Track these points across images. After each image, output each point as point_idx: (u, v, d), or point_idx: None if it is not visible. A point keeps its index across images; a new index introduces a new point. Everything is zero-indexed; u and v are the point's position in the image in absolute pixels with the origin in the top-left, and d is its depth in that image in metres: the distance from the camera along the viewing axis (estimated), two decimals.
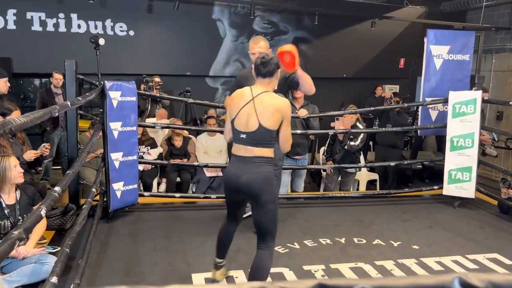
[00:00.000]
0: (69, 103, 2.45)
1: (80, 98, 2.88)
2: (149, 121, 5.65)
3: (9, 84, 4.54)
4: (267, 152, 2.57)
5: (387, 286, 0.44)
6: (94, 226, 3.44)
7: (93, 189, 3.39)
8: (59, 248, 2.75)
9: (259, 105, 2.53)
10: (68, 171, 2.55)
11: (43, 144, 4.35)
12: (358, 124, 5.13)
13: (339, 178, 5.45)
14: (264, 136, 2.53)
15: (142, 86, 6.36)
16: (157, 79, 6.44)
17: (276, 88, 2.73)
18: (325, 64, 8.47)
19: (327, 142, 5.43)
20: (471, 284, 0.45)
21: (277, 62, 2.63)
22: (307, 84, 3.48)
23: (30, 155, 3.75)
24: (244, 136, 2.56)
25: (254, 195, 2.53)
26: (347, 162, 5.14)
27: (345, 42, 8.55)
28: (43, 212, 1.79)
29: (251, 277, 2.59)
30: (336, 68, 8.70)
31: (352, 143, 5.15)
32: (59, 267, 2.12)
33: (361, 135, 5.07)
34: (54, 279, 1.98)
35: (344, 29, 8.55)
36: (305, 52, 8.49)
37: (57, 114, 2.04)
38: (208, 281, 2.90)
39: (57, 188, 2.11)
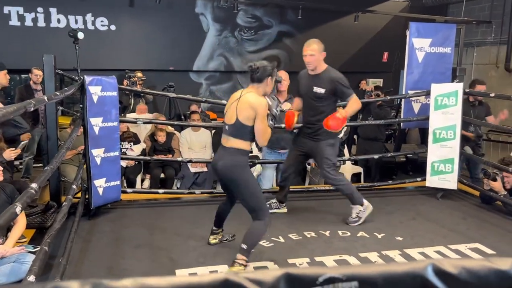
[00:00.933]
0: (45, 97, 2.39)
1: (58, 93, 2.81)
2: (130, 116, 5.58)
3: (8, 77, 4.44)
4: (243, 144, 2.94)
5: (357, 274, 0.42)
6: (76, 223, 3.38)
7: (74, 186, 3.33)
8: (39, 247, 2.69)
9: (240, 102, 2.92)
10: (46, 168, 2.49)
11: (22, 142, 4.25)
12: None
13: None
14: (240, 129, 2.91)
15: (125, 82, 6.27)
16: (139, 74, 6.36)
17: (266, 92, 3.03)
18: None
19: None
20: (444, 270, 0.44)
21: (268, 71, 2.97)
22: (357, 109, 3.99)
23: (9, 154, 3.66)
24: (226, 127, 3.00)
25: (229, 179, 2.98)
26: None
27: (329, 36, 8.53)
28: (18, 210, 1.74)
29: (244, 239, 2.93)
30: None
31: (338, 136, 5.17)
32: (37, 265, 2.07)
33: (344, 128, 5.10)
34: (31, 278, 1.93)
35: (327, 23, 8.55)
36: (289, 46, 8.48)
37: (32, 109, 1.98)
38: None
39: (34, 185, 2.05)
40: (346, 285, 0.41)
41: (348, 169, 5.99)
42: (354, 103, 3.80)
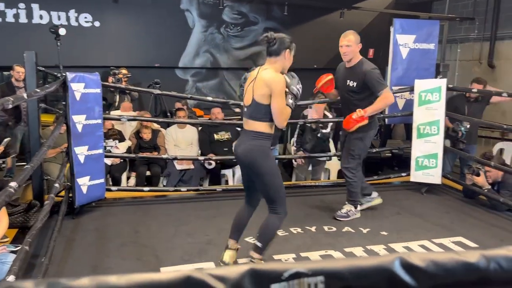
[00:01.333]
0: (25, 95, 2.35)
1: (38, 90, 2.76)
2: (115, 114, 5.52)
3: None
4: (262, 126, 2.70)
5: (323, 269, 0.41)
6: (59, 222, 3.34)
7: (56, 185, 3.28)
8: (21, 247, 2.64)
9: (256, 81, 2.69)
10: (26, 166, 2.45)
11: (5, 139, 4.18)
12: (326, 112, 5.21)
13: (310, 168, 5.48)
14: (257, 110, 2.68)
15: (110, 79, 6.19)
16: (124, 71, 6.29)
17: (285, 67, 2.80)
18: (295, 54, 8.45)
19: (296, 132, 5.45)
20: (412, 263, 0.44)
21: (286, 43, 2.72)
22: (383, 107, 3.99)
23: None
24: (245, 109, 2.78)
25: (248, 165, 2.73)
26: (318, 151, 5.20)
27: (315, 32, 8.57)
28: None
29: (258, 235, 2.82)
30: (307, 59, 8.69)
31: (323, 130, 5.20)
32: (17, 265, 2.04)
33: (330, 123, 5.16)
34: (11, 278, 1.89)
35: (313, 19, 8.57)
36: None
37: (10, 106, 1.94)
38: None
39: (13, 184, 2.01)
40: (312, 280, 0.41)
41: (334, 165, 6.01)
42: (381, 101, 3.64)
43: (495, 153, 5.65)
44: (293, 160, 5.76)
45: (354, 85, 3.75)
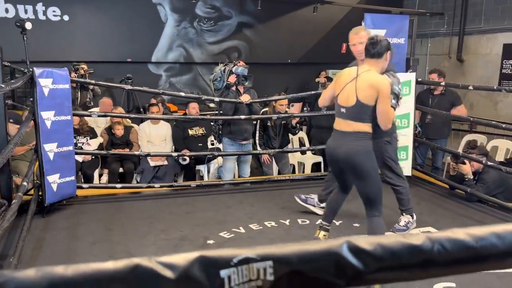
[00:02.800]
0: None
1: (3, 86, 2.68)
2: (94, 111, 5.39)
3: None
4: (365, 127, 2.71)
5: (272, 254, 0.42)
6: (28, 221, 3.27)
7: (24, 183, 3.20)
8: None
9: (360, 82, 2.68)
10: None
11: None
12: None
13: (277, 166, 5.53)
14: (361, 111, 2.68)
15: (73, 74, 6.03)
16: (85, 66, 6.08)
17: (384, 68, 2.87)
18: (269, 49, 8.48)
19: (257, 131, 5.29)
20: (359, 247, 0.45)
21: (387, 44, 2.79)
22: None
23: None
24: (344, 110, 2.74)
25: (352, 167, 2.72)
26: (284, 145, 5.30)
27: (289, 27, 8.60)
28: None
29: None
30: (281, 54, 8.73)
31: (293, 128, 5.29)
32: None
33: (297, 119, 5.32)
34: None
35: (287, 14, 8.59)
36: (249, 37, 8.45)
37: None
38: None
39: None
40: (261, 265, 0.42)
41: (308, 159, 6.08)
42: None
43: (464, 146, 5.82)
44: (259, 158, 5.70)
45: None
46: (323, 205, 3.90)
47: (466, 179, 4.36)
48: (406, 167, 4.81)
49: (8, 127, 3.80)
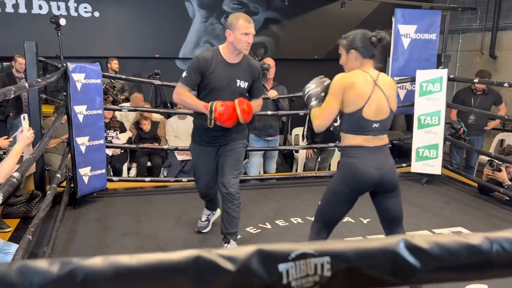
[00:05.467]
0: (26, 84, 2.35)
1: (39, 80, 2.76)
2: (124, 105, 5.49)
3: None
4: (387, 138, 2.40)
5: (329, 250, 0.42)
6: (61, 212, 3.36)
7: (58, 175, 3.29)
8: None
9: (386, 89, 2.29)
10: (28, 156, 2.46)
11: (16, 133, 4.19)
12: None
13: (318, 159, 5.49)
14: (391, 121, 2.36)
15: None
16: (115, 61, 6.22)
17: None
18: (296, 45, 8.44)
19: (306, 125, 5.35)
20: (416, 245, 0.44)
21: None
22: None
23: (4, 142, 3.61)
24: (377, 125, 2.27)
25: (394, 186, 2.35)
26: (328, 142, 5.24)
27: (316, 23, 8.52)
28: None
29: None
30: (308, 50, 8.67)
31: (335, 124, 5.19)
32: (20, 254, 2.06)
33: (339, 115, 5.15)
34: None
35: (314, 10, 8.51)
36: (276, 33, 8.43)
37: (12, 96, 1.94)
38: None
39: (15, 174, 2.02)
40: (319, 260, 0.42)
41: (335, 157, 6.02)
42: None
43: (495, 144, 5.65)
44: (294, 151, 5.74)
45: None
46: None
47: (505, 186, 4.17)
48: (436, 165, 4.72)
49: None
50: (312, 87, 2.52)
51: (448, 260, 0.44)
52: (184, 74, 2.87)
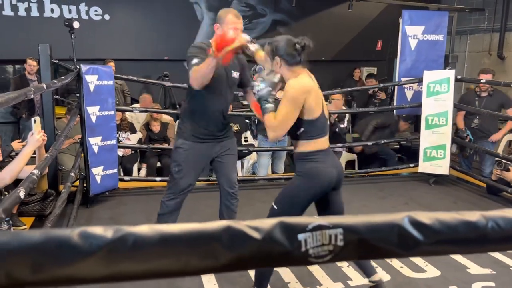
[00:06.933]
0: (44, 85, 2.43)
1: (56, 81, 2.85)
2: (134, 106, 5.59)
3: None
4: None
5: (342, 223, 0.48)
6: (74, 211, 3.44)
7: (72, 174, 3.38)
8: None
9: (319, 91, 2.34)
10: (46, 155, 2.54)
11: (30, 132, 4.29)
12: (343, 107, 5.27)
13: None
14: None
15: None
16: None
17: None
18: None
19: None
20: (419, 220, 0.50)
21: None
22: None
23: (18, 145, 3.71)
24: (327, 124, 2.39)
25: (340, 184, 2.39)
26: (335, 143, 5.28)
27: (323, 25, 8.57)
28: (21, 194, 1.79)
29: None
30: (315, 51, 8.55)
31: (341, 125, 5.25)
32: None
33: (347, 117, 5.20)
34: None
35: (321, 11, 8.57)
36: (283, 35, 8.49)
37: (32, 96, 2.02)
38: None
39: (35, 171, 2.10)
40: (332, 232, 0.48)
41: (342, 157, 6.07)
42: None
43: (504, 145, 5.64)
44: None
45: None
46: None
47: None
48: (443, 166, 4.75)
49: None
50: (262, 86, 2.29)
51: (448, 234, 0.50)
52: (193, 60, 2.63)
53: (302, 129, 2.26)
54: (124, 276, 0.42)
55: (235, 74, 2.93)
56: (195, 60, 2.64)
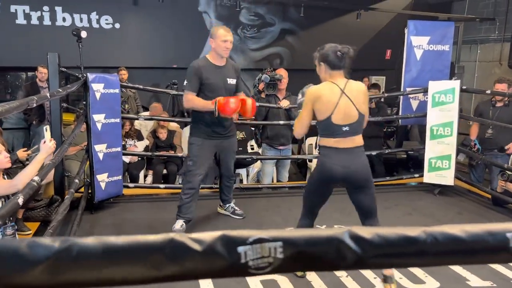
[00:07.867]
0: (48, 94, 2.50)
1: (60, 90, 2.92)
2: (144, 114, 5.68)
3: None
4: (362, 139, 2.71)
5: (282, 237, 0.51)
6: (78, 217, 3.50)
7: (76, 180, 3.44)
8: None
9: (354, 94, 2.62)
10: (48, 162, 2.60)
11: (36, 146, 4.38)
12: None
13: None
14: (361, 124, 2.68)
15: None
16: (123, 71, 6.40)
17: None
18: (311, 55, 8.49)
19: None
20: (359, 235, 0.52)
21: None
22: None
23: (23, 154, 3.80)
24: (347, 128, 2.61)
25: (362, 183, 2.68)
26: None
27: (332, 33, 8.60)
28: (20, 200, 1.84)
29: None
30: None
31: None
32: None
33: None
34: None
35: (330, 20, 8.61)
36: (291, 44, 8.55)
37: (34, 105, 2.08)
38: None
39: (36, 178, 2.16)
40: (272, 245, 0.50)
41: None
42: None
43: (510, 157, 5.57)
44: (308, 160, 5.82)
45: None
46: None
47: None
48: (448, 176, 4.72)
49: None
50: (299, 96, 2.87)
51: (387, 249, 0.52)
52: (186, 83, 3.52)
53: (318, 127, 2.71)
54: (68, 285, 0.45)
55: (232, 81, 3.55)
56: (188, 85, 3.45)
